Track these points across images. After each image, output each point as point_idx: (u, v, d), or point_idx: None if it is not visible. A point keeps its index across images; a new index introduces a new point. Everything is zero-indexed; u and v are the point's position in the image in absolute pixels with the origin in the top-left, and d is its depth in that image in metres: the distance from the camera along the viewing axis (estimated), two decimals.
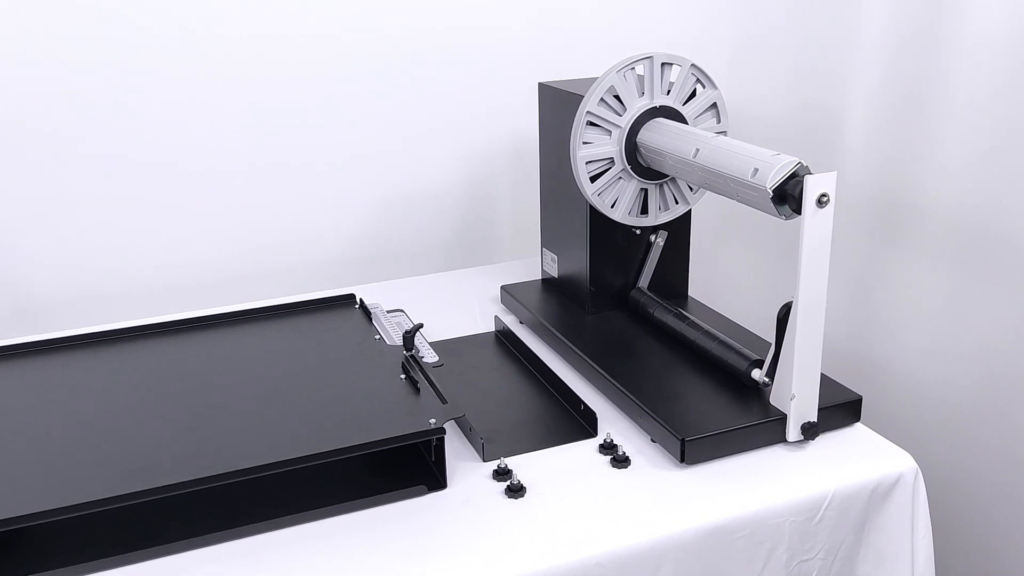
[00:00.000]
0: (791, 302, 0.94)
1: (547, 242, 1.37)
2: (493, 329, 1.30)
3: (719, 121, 1.19)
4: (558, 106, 1.25)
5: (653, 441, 0.99)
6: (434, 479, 0.93)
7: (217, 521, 0.86)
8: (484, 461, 0.97)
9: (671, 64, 1.14)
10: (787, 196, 0.92)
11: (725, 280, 1.71)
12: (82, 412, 0.98)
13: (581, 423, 1.04)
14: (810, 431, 0.97)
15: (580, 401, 1.04)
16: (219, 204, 1.47)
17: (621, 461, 0.96)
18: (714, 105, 1.18)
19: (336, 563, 0.82)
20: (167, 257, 1.46)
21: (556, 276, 1.35)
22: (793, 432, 0.97)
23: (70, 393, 1.03)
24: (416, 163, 1.57)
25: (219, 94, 1.41)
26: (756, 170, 0.94)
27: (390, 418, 0.94)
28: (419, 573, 0.80)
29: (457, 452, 0.98)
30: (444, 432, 0.91)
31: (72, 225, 1.38)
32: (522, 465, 0.95)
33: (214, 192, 1.46)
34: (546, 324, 1.24)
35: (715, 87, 1.17)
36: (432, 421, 0.92)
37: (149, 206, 1.43)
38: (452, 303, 1.40)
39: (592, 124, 1.14)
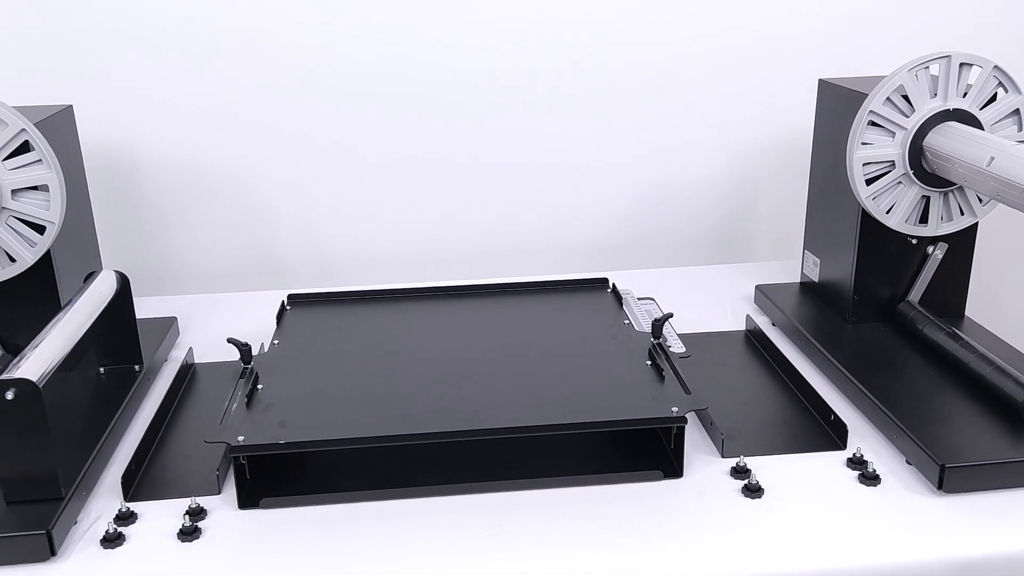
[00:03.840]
0: None
1: (811, 244, 1.33)
2: (743, 328, 1.28)
3: (1021, 129, 1.09)
4: (838, 104, 1.20)
5: (908, 463, 0.94)
6: (670, 467, 0.94)
7: (463, 474, 0.93)
8: (723, 457, 0.96)
9: (971, 65, 1.06)
10: None
11: (1011, 302, 1.55)
12: (363, 357, 1.09)
13: (829, 434, 1.00)
14: None
15: (830, 411, 1.01)
16: (493, 190, 1.56)
17: (871, 479, 0.91)
18: (1016, 111, 1.08)
19: (571, 531, 0.85)
20: (443, 231, 1.58)
21: (817, 280, 1.31)
22: None
23: (355, 339, 1.15)
24: (684, 155, 1.57)
25: (500, 99, 1.51)
26: None
27: (633, 401, 0.96)
28: (652, 555, 0.82)
29: (695, 444, 0.99)
30: (685, 422, 0.92)
31: (365, 203, 1.55)
32: (762, 467, 0.94)
33: (490, 180, 1.56)
34: (801, 329, 1.20)
35: (1019, 91, 1.07)
36: (674, 410, 0.93)
37: (429, 191, 1.55)
38: (704, 297, 1.39)
39: (874, 124, 1.09)
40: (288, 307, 1.24)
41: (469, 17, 1.46)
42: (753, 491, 0.90)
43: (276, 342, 1.13)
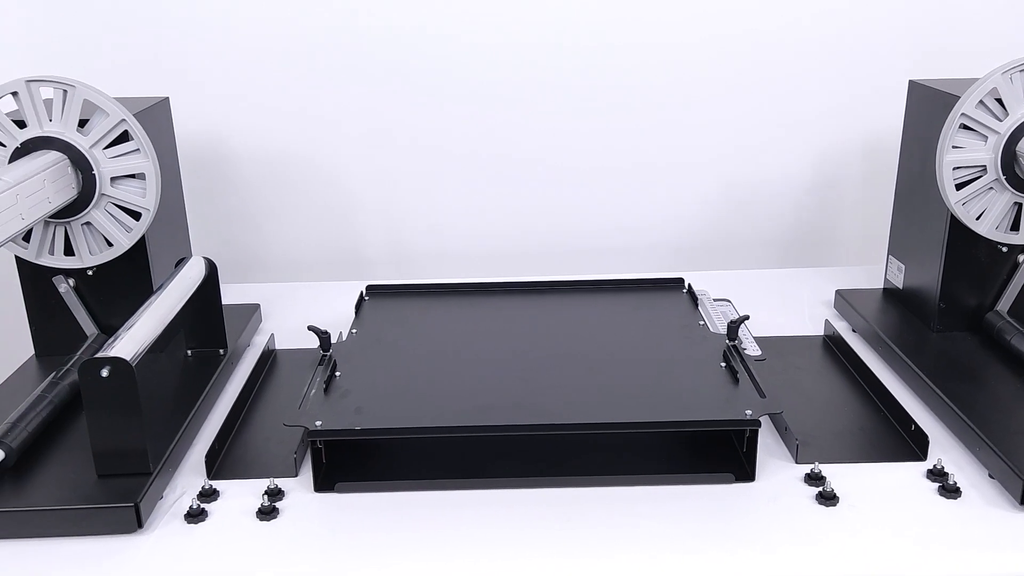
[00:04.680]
0: None
1: (895, 249, 1.29)
2: (822, 333, 1.25)
3: None
4: (928, 106, 1.17)
5: (991, 477, 0.91)
6: (742, 470, 0.93)
7: (533, 467, 0.94)
8: (797, 463, 0.95)
9: None
10: None
11: None
12: (437, 348, 1.11)
13: (909, 444, 0.97)
14: None
15: (911, 420, 0.98)
16: (571, 188, 1.57)
17: (951, 491, 0.89)
18: None
19: (639, 530, 0.85)
20: (520, 228, 1.59)
21: (901, 287, 1.27)
22: None
23: (430, 331, 1.17)
24: (765, 155, 1.55)
25: (578, 98, 1.52)
26: None
27: (706, 402, 0.96)
28: (721, 557, 0.82)
29: (768, 449, 0.97)
30: (759, 425, 0.91)
31: (443, 199, 1.58)
32: (837, 474, 0.92)
33: (568, 179, 1.57)
34: (883, 335, 1.17)
35: None
36: (748, 412, 0.92)
37: (506, 189, 1.57)
38: (782, 301, 1.37)
39: (966, 128, 1.06)
40: (366, 298, 1.27)
41: (546, 17, 1.47)
42: (828, 499, 0.88)
43: (354, 331, 1.15)
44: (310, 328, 1.07)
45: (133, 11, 1.44)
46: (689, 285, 1.28)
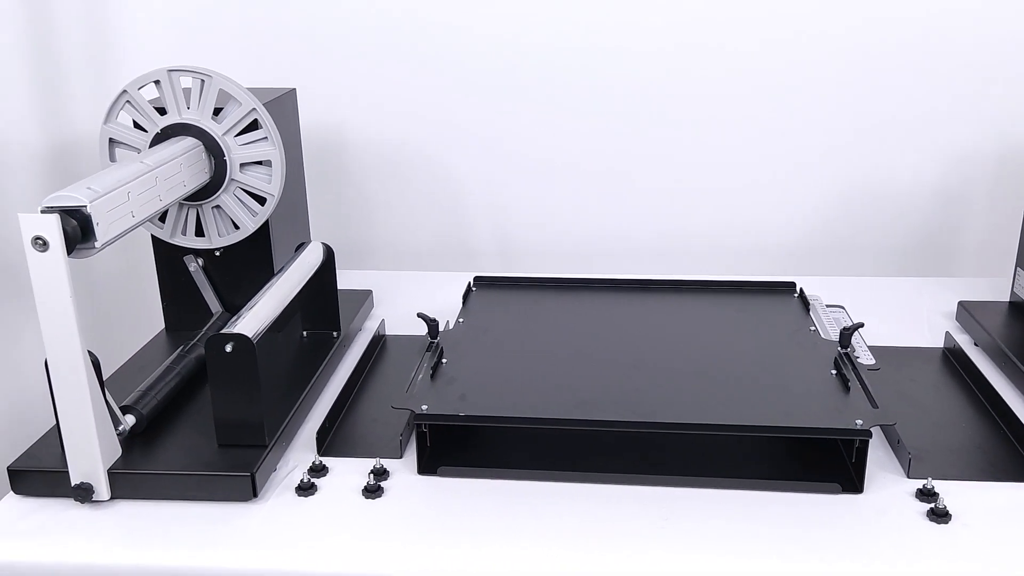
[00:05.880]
0: None
1: None
2: (941, 346, 1.20)
3: None
4: None
5: None
6: (849, 481, 0.90)
7: (634, 464, 0.94)
8: (908, 477, 0.92)
9: None
10: None
11: None
12: (542, 341, 1.12)
13: None
14: None
15: None
16: (686, 188, 1.56)
17: None
18: None
19: (739, 534, 0.84)
20: (631, 226, 1.59)
21: None
22: None
23: (535, 323, 1.18)
24: (886, 158, 1.50)
25: (695, 96, 1.50)
26: None
27: (814, 410, 0.93)
28: (823, 568, 0.80)
29: (878, 461, 0.94)
30: (870, 435, 0.88)
31: (551, 196, 1.59)
32: (951, 492, 0.88)
33: (684, 178, 1.55)
34: (1007, 351, 1.12)
35: None
36: (859, 422, 0.89)
37: (617, 186, 1.57)
38: (899, 310, 1.32)
39: None
40: (474, 288, 1.30)
41: (656, 17, 1.46)
42: (940, 516, 0.85)
43: (461, 320, 1.18)
44: (419, 315, 1.10)
45: (267, 7, 1.51)
46: (801, 289, 1.25)
